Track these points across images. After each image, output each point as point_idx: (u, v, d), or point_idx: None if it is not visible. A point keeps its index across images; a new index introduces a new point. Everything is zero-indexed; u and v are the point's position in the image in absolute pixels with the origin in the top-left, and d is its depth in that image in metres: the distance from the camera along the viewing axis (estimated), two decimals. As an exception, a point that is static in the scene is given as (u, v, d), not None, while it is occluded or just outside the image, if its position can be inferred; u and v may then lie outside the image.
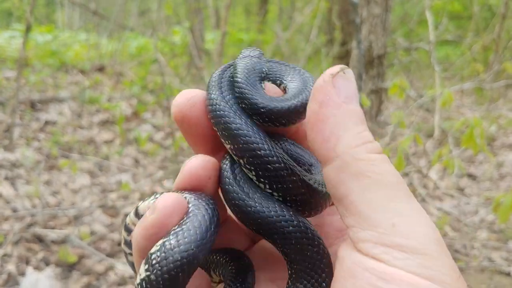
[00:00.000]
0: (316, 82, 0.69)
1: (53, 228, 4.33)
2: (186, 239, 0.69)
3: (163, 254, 0.68)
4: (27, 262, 3.87)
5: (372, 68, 4.72)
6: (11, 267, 3.75)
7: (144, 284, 0.68)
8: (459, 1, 12.85)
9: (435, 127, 4.05)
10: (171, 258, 0.67)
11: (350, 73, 0.70)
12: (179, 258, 0.67)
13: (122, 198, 4.95)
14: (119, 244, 4.24)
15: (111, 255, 4.09)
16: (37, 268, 3.81)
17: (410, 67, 8.96)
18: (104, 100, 8.25)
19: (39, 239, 4.15)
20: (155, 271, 0.67)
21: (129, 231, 0.86)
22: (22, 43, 5.90)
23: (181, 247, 0.68)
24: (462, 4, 13.25)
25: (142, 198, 4.95)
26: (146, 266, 0.68)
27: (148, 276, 0.68)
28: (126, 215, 4.57)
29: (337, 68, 0.69)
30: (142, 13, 14.42)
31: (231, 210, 0.77)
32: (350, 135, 0.66)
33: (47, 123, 6.98)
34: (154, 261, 0.68)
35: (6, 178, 5.13)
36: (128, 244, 0.86)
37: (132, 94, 8.57)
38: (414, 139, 3.11)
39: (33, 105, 7.51)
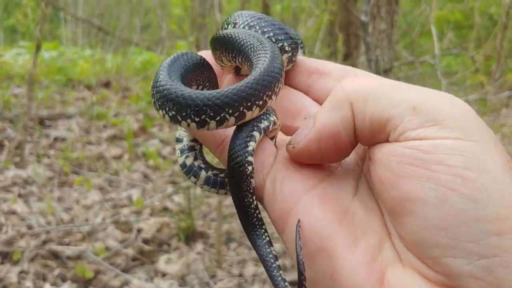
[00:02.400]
0: None
1: (68, 244, 4.40)
2: None
3: None
4: (44, 279, 3.93)
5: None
6: (28, 283, 3.81)
7: None
8: (460, 11, 12.92)
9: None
10: None
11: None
12: None
13: (134, 213, 5.01)
14: (134, 260, 4.30)
15: (126, 270, 4.15)
16: (54, 284, 3.87)
17: (414, 79, 9.02)
18: (111, 115, 8.32)
19: (55, 256, 4.22)
20: None
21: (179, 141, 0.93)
22: (32, 61, 5.99)
23: None
24: (463, 14, 13.32)
25: (153, 213, 5.02)
26: None
27: None
28: (139, 230, 4.64)
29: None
30: (146, 27, 14.53)
31: None
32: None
33: (56, 139, 7.05)
34: None
35: (20, 195, 5.20)
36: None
37: (138, 109, 8.65)
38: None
39: (42, 122, 7.58)
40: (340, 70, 0.83)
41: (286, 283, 0.77)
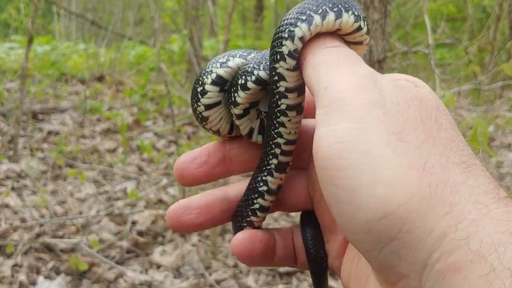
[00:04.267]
0: None
1: (61, 237, 4.38)
2: None
3: None
4: (38, 272, 3.91)
5: (372, 72, 4.78)
6: (22, 277, 3.79)
7: None
8: (453, 3, 12.93)
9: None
10: None
11: None
12: None
13: (128, 206, 5.00)
14: (128, 252, 4.29)
15: (120, 262, 4.13)
16: (48, 277, 3.85)
17: (407, 70, 9.02)
18: (105, 109, 8.30)
19: (49, 248, 4.20)
20: None
21: None
22: (25, 55, 5.95)
23: None
24: (456, 6, 13.33)
25: (148, 205, 5.01)
26: None
27: None
28: (133, 222, 4.63)
29: None
30: (139, 21, 14.48)
31: None
32: (314, 47, 0.73)
33: (49, 133, 7.03)
34: None
35: (13, 189, 5.17)
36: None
37: (132, 103, 8.63)
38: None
39: (35, 116, 7.56)
40: None
41: None
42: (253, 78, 0.80)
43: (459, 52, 12.61)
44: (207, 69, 0.85)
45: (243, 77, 0.81)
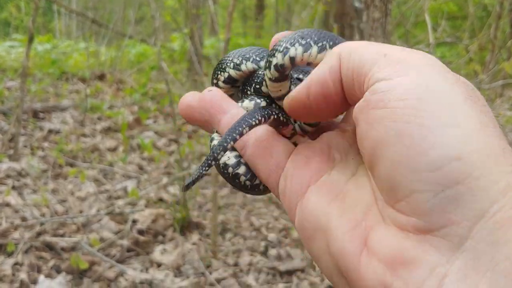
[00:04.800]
0: None
1: (62, 235, 4.38)
2: None
3: None
4: (39, 270, 3.92)
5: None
6: (23, 275, 3.79)
7: None
8: (454, 1, 12.92)
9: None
10: None
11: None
12: None
13: (129, 205, 5.00)
14: (129, 250, 4.29)
15: (121, 261, 4.14)
16: (48, 276, 3.86)
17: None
18: (106, 107, 8.30)
19: (49, 247, 4.20)
20: None
21: None
22: (25, 54, 5.95)
23: None
24: (457, 4, 13.33)
25: (149, 204, 5.01)
26: None
27: None
28: (134, 221, 4.63)
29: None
30: (140, 20, 14.49)
31: None
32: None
33: (50, 132, 7.03)
34: None
35: (14, 188, 5.18)
36: None
37: (133, 101, 8.63)
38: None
39: (35, 114, 7.56)
40: None
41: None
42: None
43: (460, 51, 12.61)
44: (222, 65, 0.95)
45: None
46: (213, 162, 0.78)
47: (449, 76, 0.64)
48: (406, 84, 0.62)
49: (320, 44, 0.77)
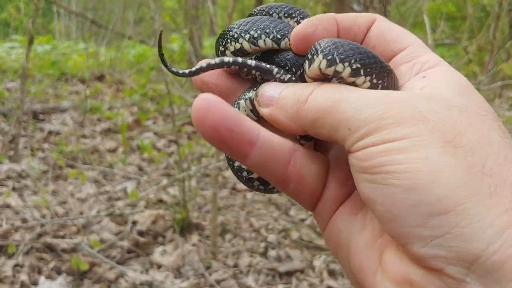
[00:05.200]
0: None
1: (63, 237, 4.40)
2: None
3: None
4: (39, 272, 3.94)
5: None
6: (23, 277, 3.81)
7: None
8: (453, 2, 12.94)
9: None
10: None
11: (260, 89, 0.81)
12: None
13: (129, 206, 5.01)
14: (129, 252, 4.31)
15: (121, 262, 4.15)
16: (49, 277, 3.87)
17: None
18: (105, 108, 8.32)
19: (50, 249, 4.22)
20: None
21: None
22: (25, 55, 5.96)
23: None
24: (456, 5, 13.34)
25: (148, 205, 5.02)
26: None
27: None
28: (133, 222, 4.65)
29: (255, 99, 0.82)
30: (139, 20, 14.49)
31: None
32: (289, 109, 0.76)
33: (50, 133, 7.05)
34: None
35: (14, 189, 5.19)
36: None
37: (132, 102, 8.64)
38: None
39: (35, 116, 7.58)
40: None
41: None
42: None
43: (459, 51, 12.62)
44: (234, 33, 0.86)
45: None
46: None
47: (423, 127, 0.64)
48: (383, 151, 0.63)
49: (354, 67, 0.73)
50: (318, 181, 0.80)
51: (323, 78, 0.77)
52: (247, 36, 0.84)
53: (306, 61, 0.77)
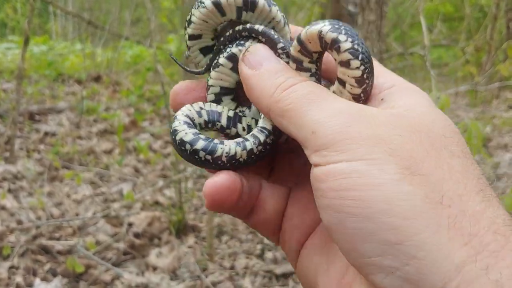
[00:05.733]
0: None
1: (58, 239, 4.38)
2: None
3: None
4: (35, 274, 3.92)
5: (369, 73, 4.79)
6: (19, 279, 3.79)
7: None
8: (450, 2, 12.94)
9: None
10: None
11: (252, 48, 0.79)
12: None
13: (124, 207, 5.00)
14: (125, 254, 4.29)
15: (117, 264, 4.14)
16: (44, 279, 3.86)
17: (404, 70, 9.03)
18: (102, 109, 8.29)
19: (45, 250, 4.20)
20: None
21: None
22: (21, 56, 5.94)
23: None
24: (453, 5, 13.35)
25: (144, 207, 5.01)
26: None
27: None
28: (129, 224, 4.63)
29: (243, 51, 0.80)
30: (136, 21, 14.47)
31: None
32: (265, 89, 0.74)
33: (46, 134, 7.03)
34: None
35: (9, 191, 5.17)
36: None
37: (129, 103, 8.62)
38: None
39: (31, 117, 7.55)
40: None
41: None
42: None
43: (456, 52, 12.63)
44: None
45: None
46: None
47: (380, 151, 0.62)
48: (338, 173, 0.62)
49: (355, 46, 0.72)
50: (274, 210, 0.80)
51: (309, 54, 0.77)
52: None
53: (307, 26, 0.75)
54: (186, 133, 0.76)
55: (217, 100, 0.84)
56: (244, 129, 0.84)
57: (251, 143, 0.78)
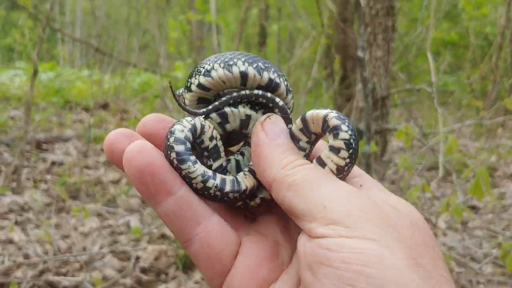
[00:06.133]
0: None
1: (65, 274, 4.37)
2: None
3: None
4: (41, 310, 3.91)
5: (376, 109, 4.81)
6: (25, 316, 3.78)
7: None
8: (455, 30, 13.02)
9: (439, 167, 4.13)
10: None
11: (275, 117, 0.85)
12: None
13: (132, 241, 4.99)
14: (131, 290, 4.28)
15: (123, 301, 4.13)
16: (51, 316, 3.85)
17: (411, 106, 9.05)
18: (109, 138, 8.31)
19: (52, 286, 4.19)
20: None
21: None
22: (30, 87, 5.99)
23: None
24: (458, 33, 13.42)
25: (151, 240, 5.00)
26: None
27: None
28: (137, 258, 4.62)
29: (265, 116, 0.86)
30: (144, 47, 14.59)
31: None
32: (277, 161, 0.80)
33: (53, 163, 7.05)
34: None
35: (17, 223, 5.18)
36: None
37: (136, 132, 8.64)
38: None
39: (39, 145, 7.58)
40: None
41: None
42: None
43: (461, 78, 12.67)
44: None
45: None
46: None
47: (392, 237, 0.67)
48: (350, 247, 0.66)
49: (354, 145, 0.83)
50: (223, 255, 0.83)
51: (309, 134, 0.86)
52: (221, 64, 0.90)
53: (313, 109, 0.86)
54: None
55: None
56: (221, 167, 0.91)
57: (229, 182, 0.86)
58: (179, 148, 0.81)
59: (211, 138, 0.88)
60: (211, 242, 0.82)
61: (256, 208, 0.90)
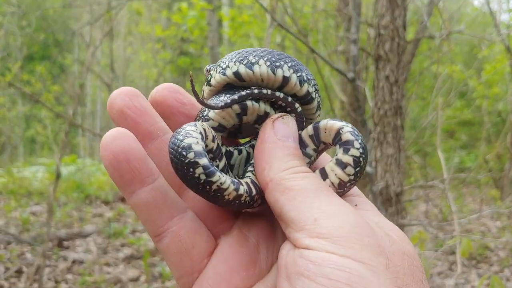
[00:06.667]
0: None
1: None
2: None
3: None
4: None
5: (391, 205, 4.85)
6: None
7: None
8: (468, 108, 13.11)
9: (457, 264, 4.12)
10: None
11: (288, 119, 0.85)
12: None
13: None
14: None
15: None
16: None
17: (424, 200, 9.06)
18: (128, 232, 8.40)
19: None
20: None
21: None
22: (52, 192, 6.12)
23: None
24: (471, 111, 13.52)
25: None
26: None
27: None
28: None
29: (279, 114, 0.86)
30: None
31: None
32: (279, 162, 0.79)
33: (74, 262, 7.10)
34: None
35: (38, 330, 5.19)
36: None
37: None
38: None
39: (60, 243, 7.66)
40: None
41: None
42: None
43: (478, 154, 12.66)
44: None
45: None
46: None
47: (380, 262, 0.68)
48: (335, 263, 0.66)
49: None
50: (194, 252, 0.82)
51: (318, 142, 0.87)
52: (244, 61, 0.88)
53: (328, 119, 0.87)
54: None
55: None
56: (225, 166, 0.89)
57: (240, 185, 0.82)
58: (203, 161, 0.76)
59: (213, 139, 0.85)
60: (182, 238, 0.80)
61: (257, 206, 0.87)
